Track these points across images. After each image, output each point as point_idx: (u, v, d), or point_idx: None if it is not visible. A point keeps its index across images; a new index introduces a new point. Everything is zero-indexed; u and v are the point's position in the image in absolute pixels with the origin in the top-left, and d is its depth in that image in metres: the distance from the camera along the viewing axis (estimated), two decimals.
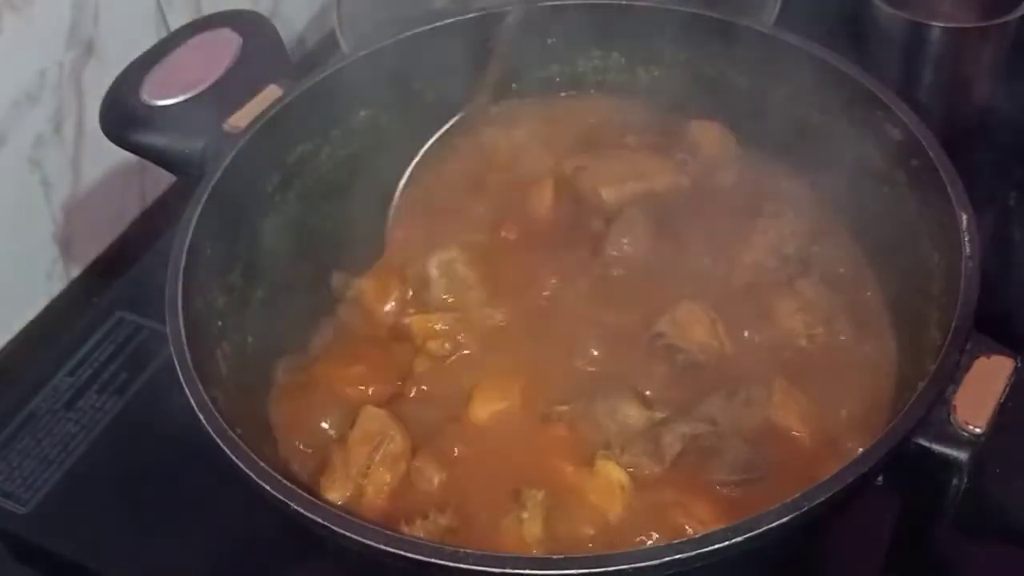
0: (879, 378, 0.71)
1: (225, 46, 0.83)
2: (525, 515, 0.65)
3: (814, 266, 0.76)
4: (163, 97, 0.80)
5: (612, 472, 0.66)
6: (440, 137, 0.83)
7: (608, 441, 0.68)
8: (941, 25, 0.94)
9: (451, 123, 0.83)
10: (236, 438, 0.59)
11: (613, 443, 0.68)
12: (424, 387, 0.73)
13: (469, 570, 0.52)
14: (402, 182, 0.82)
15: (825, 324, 0.72)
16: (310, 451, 0.70)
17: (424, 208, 0.82)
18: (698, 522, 0.63)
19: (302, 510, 0.56)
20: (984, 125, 1.01)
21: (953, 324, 0.61)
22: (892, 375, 0.71)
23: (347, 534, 0.55)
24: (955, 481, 0.59)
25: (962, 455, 0.58)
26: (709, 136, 0.83)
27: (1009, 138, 0.99)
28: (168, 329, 0.65)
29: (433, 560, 0.53)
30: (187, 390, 0.62)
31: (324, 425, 0.71)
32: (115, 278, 0.97)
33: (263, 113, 0.77)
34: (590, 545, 0.64)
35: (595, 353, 0.73)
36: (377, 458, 0.68)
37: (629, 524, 0.65)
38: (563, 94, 0.88)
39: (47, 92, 0.93)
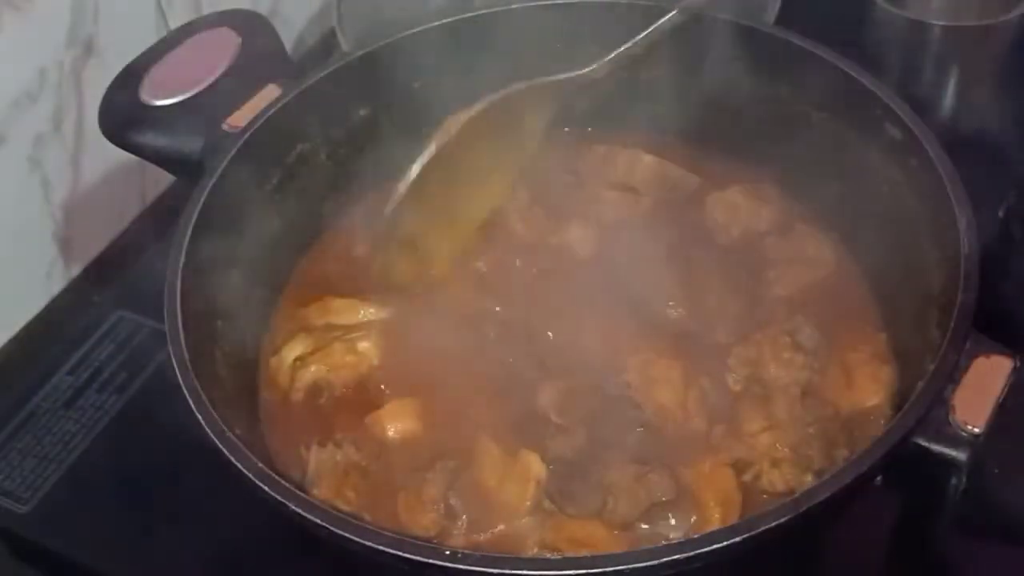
0: None
1: (224, 46, 0.83)
2: (428, 475, 0.66)
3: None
4: (162, 97, 0.80)
5: (532, 464, 0.66)
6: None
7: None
8: (941, 24, 0.94)
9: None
10: (234, 438, 0.59)
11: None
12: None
13: (467, 571, 0.52)
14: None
15: (793, 448, 0.67)
16: None
17: None
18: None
19: (300, 510, 0.56)
20: (984, 124, 1.01)
21: (952, 324, 0.61)
22: None
23: (345, 535, 0.55)
24: (954, 481, 0.59)
25: (961, 455, 0.58)
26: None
27: (1009, 137, 0.99)
28: (167, 328, 0.65)
29: (431, 561, 0.53)
30: (185, 390, 0.62)
31: None
32: (115, 277, 0.97)
33: (262, 112, 0.77)
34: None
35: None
36: (344, 338, 0.74)
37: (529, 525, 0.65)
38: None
39: (47, 91, 0.93)
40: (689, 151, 0.85)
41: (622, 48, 0.77)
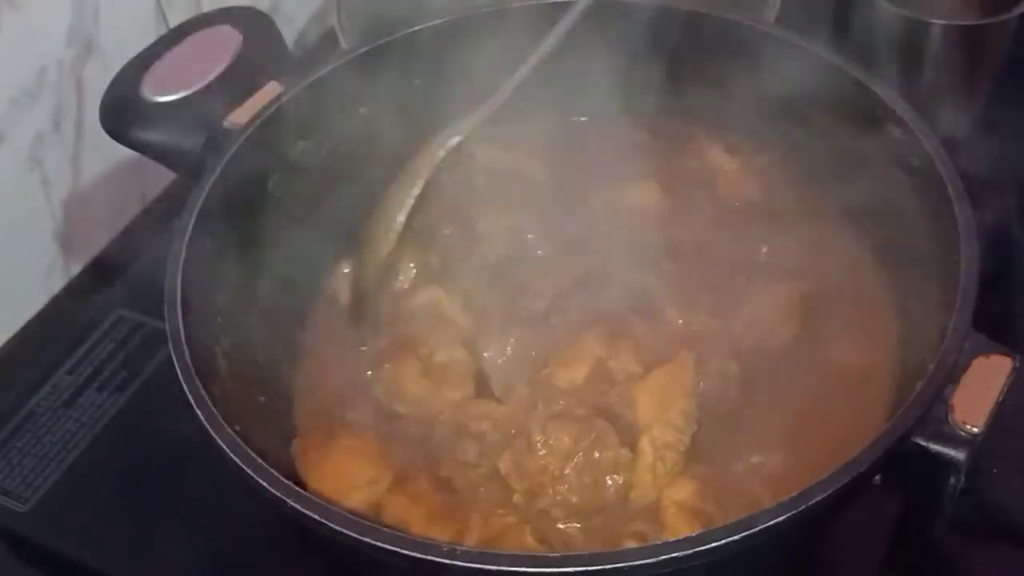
0: None
1: (225, 43, 0.83)
2: None
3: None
4: (163, 94, 0.80)
5: None
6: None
7: None
8: (942, 23, 0.94)
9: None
10: (233, 435, 0.59)
11: None
12: None
13: (465, 567, 0.52)
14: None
15: None
16: None
17: None
18: None
19: (300, 507, 0.56)
20: (984, 123, 1.01)
21: (951, 323, 0.61)
22: None
23: (344, 531, 0.55)
24: (953, 481, 0.59)
25: (960, 455, 0.58)
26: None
27: (1009, 136, 0.99)
28: (167, 326, 0.65)
29: (430, 557, 0.53)
30: (185, 387, 0.62)
31: None
32: (115, 276, 0.97)
33: (263, 110, 0.77)
34: None
35: None
36: None
37: None
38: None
39: (47, 90, 0.93)
40: None
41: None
